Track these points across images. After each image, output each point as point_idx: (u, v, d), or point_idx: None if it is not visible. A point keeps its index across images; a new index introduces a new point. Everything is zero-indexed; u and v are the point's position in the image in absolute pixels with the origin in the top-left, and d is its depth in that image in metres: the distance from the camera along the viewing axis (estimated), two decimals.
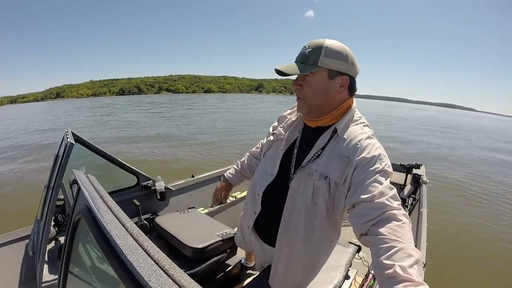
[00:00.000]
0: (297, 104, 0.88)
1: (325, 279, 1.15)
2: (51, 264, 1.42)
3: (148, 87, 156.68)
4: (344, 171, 0.76)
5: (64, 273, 0.74)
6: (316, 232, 0.86)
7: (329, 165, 0.79)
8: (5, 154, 7.72)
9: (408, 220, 0.65)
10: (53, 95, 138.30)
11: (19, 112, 31.17)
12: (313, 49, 0.76)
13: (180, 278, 0.35)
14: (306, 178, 0.83)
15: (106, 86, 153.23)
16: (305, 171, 0.84)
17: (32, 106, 53.89)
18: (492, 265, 3.06)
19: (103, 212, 0.51)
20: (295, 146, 0.91)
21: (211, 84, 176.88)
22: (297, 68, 0.77)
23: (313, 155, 0.83)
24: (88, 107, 31.40)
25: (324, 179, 0.79)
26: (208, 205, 2.41)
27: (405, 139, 12.67)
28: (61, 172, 1.16)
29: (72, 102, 61.72)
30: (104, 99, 78.11)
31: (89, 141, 1.55)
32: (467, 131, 21.75)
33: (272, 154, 0.97)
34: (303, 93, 0.82)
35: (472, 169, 7.66)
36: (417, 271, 0.54)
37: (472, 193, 5.46)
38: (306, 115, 0.88)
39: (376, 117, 25.84)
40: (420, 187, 2.43)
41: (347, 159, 0.76)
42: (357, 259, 1.44)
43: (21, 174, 5.78)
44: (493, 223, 4.14)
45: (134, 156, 7.03)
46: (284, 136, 0.95)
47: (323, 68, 0.76)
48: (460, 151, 10.89)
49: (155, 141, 9.10)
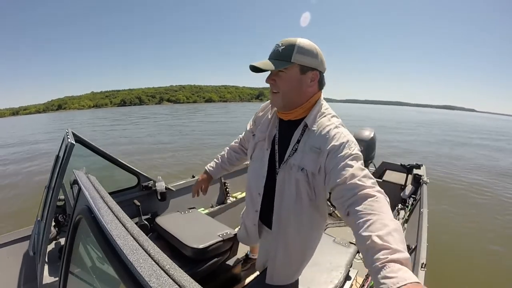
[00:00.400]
0: (271, 99, 0.93)
1: (325, 279, 1.14)
2: (51, 264, 1.42)
3: (149, 97, 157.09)
4: (317, 161, 0.84)
5: (65, 273, 0.74)
6: (305, 219, 0.94)
7: (304, 158, 0.86)
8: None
9: (383, 195, 0.69)
10: (55, 107, 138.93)
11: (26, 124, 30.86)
12: (286, 46, 0.82)
13: (180, 278, 0.35)
14: (289, 172, 0.90)
15: (107, 98, 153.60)
16: (287, 166, 0.91)
17: (36, 118, 53.64)
18: (492, 265, 3.06)
19: (103, 213, 0.52)
20: (276, 142, 0.97)
21: (212, 93, 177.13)
22: (271, 64, 0.82)
23: (291, 150, 0.90)
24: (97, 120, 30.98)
25: (301, 171, 0.87)
26: (209, 205, 2.41)
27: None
28: (61, 172, 1.16)
29: (74, 114, 61.56)
30: (106, 110, 77.97)
31: (90, 141, 1.55)
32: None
33: (258, 155, 1.03)
34: (278, 87, 0.87)
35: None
36: (395, 238, 0.54)
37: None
38: (281, 109, 0.94)
39: (396, 123, 23.52)
40: (421, 187, 2.43)
41: (319, 150, 0.83)
42: (358, 259, 1.44)
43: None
44: (493, 223, 4.14)
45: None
46: (266, 136, 1.00)
47: (296, 64, 0.82)
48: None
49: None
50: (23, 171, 7.00)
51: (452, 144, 12.62)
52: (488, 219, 4.28)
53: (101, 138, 13.07)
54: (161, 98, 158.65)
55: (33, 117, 69.00)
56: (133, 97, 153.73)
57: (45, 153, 9.32)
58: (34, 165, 7.58)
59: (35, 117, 65.30)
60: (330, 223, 2.73)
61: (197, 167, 5.73)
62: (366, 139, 3.45)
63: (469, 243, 3.54)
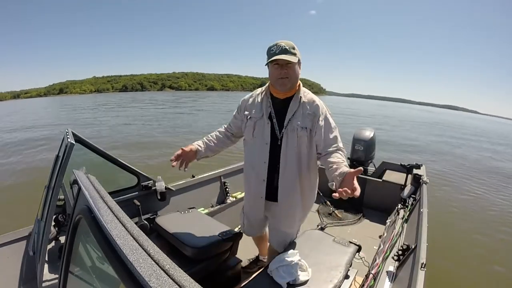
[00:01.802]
0: (282, 83, 1.22)
1: (325, 278, 1.15)
2: (51, 264, 1.42)
3: (151, 84, 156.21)
4: (313, 121, 1.24)
5: (65, 273, 0.74)
6: (304, 166, 1.30)
7: (304, 120, 1.24)
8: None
9: (343, 151, 1.19)
10: (56, 91, 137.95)
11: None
12: (288, 46, 1.17)
13: (180, 278, 0.35)
14: (291, 132, 1.24)
15: (109, 83, 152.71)
16: (288, 128, 1.25)
17: (38, 102, 53.01)
18: (492, 265, 3.06)
19: (103, 212, 0.52)
20: (273, 116, 1.28)
21: (214, 82, 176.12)
22: (290, 59, 1.16)
23: (291, 116, 1.25)
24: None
25: (304, 129, 1.23)
26: (209, 205, 2.41)
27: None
28: (61, 172, 1.16)
29: (76, 98, 61.04)
30: (108, 95, 77.55)
31: (90, 141, 1.55)
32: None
33: (259, 130, 1.30)
34: (289, 74, 1.20)
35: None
36: (345, 163, 1.10)
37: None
38: (287, 89, 1.26)
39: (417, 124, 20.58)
40: (421, 187, 2.43)
41: (313, 114, 1.24)
42: (358, 259, 1.44)
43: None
44: (493, 223, 4.15)
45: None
46: (263, 112, 1.29)
47: (298, 58, 1.20)
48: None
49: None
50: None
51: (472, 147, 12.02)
52: (488, 219, 4.29)
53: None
54: (163, 84, 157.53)
55: (34, 100, 67.83)
56: (135, 83, 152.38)
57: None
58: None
59: (36, 101, 64.22)
60: (329, 223, 2.73)
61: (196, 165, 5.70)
62: (366, 139, 3.45)
63: (469, 243, 3.55)
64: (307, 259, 1.22)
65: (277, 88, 1.26)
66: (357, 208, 3.04)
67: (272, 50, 1.18)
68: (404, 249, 1.49)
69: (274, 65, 1.20)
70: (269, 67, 1.23)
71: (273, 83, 1.26)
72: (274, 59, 1.16)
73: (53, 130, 11.44)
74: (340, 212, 2.92)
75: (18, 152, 7.74)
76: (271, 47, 1.19)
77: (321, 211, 2.98)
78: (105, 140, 9.16)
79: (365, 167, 3.48)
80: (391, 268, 1.43)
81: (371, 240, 2.46)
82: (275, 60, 1.17)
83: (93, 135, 9.99)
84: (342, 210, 2.97)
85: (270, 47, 1.20)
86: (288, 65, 1.18)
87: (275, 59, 1.16)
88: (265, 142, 1.28)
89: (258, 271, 1.84)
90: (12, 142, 9.25)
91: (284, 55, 1.15)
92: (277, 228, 1.45)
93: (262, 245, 1.86)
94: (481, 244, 3.51)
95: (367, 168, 3.53)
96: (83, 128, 11.78)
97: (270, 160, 1.29)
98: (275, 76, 1.22)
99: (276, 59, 1.16)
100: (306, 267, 1.18)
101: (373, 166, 3.60)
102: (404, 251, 1.48)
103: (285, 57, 1.14)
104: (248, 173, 1.42)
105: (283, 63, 1.17)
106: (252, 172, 1.37)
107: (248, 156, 1.39)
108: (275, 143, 1.28)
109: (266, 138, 1.28)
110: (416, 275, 1.14)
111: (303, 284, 1.12)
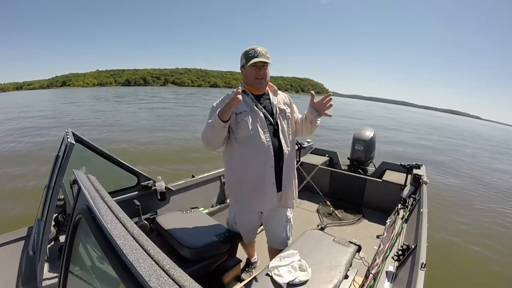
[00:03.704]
0: (259, 82, 1.38)
1: (325, 278, 1.14)
2: (51, 264, 1.42)
3: (154, 79, 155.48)
4: (290, 108, 1.52)
5: (65, 273, 0.74)
6: (293, 146, 1.53)
7: (286, 108, 1.48)
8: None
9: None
10: (59, 83, 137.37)
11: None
12: (264, 51, 1.34)
13: (180, 278, 0.35)
14: (283, 117, 1.45)
15: (112, 77, 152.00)
16: (280, 116, 1.44)
17: (41, 93, 52.38)
18: (492, 265, 3.06)
19: (103, 212, 0.52)
20: (261, 109, 1.40)
21: (217, 78, 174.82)
22: (267, 60, 1.33)
23: (277, 107, 1.44)
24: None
25: (289, 114, 1.49)
26: (209, 205, 2.41)
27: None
28: (61, 172, 1.16)
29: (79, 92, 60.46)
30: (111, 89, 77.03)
31: (90, 141, 1.55)
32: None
33: (254, 121, 1.37)
34: (265, 75, 1.38)
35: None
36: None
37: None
38: (263, 88, 1.44)
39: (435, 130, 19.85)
40: (421, 187, 2.43)
41: (288, 103, 1.52)
42: (357, 259, 1.44)
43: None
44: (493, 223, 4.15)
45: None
46: (251, 106, 1.39)
47: (269, 61, 1.35)
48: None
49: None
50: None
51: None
52: (488, 219, 4.29)
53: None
54: (166, 80, 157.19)
55: (37, 92, 67.08)
56: (138, 78, 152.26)
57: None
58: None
59: (39, 92, 63.49)
60: (329, 223, 2.73)
61: (196, 165, 5.75)
62: (366, 139, 3.45)
63: (469, 243, 3.55)
64: (307, 259, 1.22)
65: (255, 87, 1.40)
66: (357, 208, 3.04)
67: (251, 54, 1.32)
68: (404, 249, 1.49)
69: (252, 67, 1.33)
70: (246, 69, 1.36)
71: (250, 83, 1.39)
72: (256, 61, 1.30)
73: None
74: (340, 212, 2.92)
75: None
76: (249, 51, 1.33)
77: (321, 211, 2.98)
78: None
79: (365, 167, 3.48)
80: (391, 268, 1.43)
81: (371, 240, 2.46)
82: (254, 62, 1.31)
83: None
84: (342, 210, 2.97)
85: (247, 51, 1.34)
86: (264, 66, 1.35)
87: (256, 61, 1.30)
88: (264, 126, 1.38)
89: (258, 271, 1.84)
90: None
91: (263, 58, 1.31)
92: (279, 217, 1.52)
93: (251, 248, 1.91)
94: (481, 244, 3.51)
95: (367, 168, 3.53)
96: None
97: (273, 145, 1.38)
98: (253, 76, 1.36)
99: (255, 62, 1.30)
100: (306, 267, 1.17)
101: (373, 166, 3.60)
102: (404, 251, 1.48)
103: (264, 60, 1.31)
104: (252, 157, 1.37)
105: (261, 65, 1.33)
106: (255, 156, 1.36)
107: (252, 140, 1.35)
108: (272, 128, 1.41)
109: (264, 127, 1.38)
110: (416, 275, 1.14)
111: (302, 284, 1.12)
